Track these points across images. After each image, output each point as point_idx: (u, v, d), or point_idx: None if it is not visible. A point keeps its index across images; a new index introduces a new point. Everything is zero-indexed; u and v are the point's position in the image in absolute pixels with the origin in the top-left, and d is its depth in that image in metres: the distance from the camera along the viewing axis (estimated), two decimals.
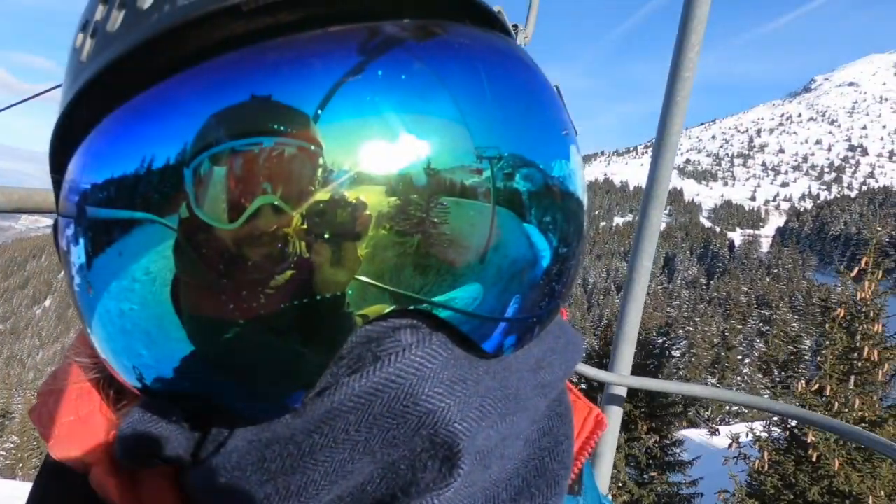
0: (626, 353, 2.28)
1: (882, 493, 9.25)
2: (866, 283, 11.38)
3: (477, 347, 0.35)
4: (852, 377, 10.69)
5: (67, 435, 0.41)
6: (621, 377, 2.26)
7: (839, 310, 11.66)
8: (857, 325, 11.21)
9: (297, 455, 0.33)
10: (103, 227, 0.33)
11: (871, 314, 11.02)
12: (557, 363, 0.42)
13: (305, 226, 0.30)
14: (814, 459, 9.98)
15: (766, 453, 10.97)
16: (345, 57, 0.32)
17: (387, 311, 0.33)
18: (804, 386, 11.21)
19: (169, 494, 0.39)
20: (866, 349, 10.70)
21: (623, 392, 2.36)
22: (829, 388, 10.59)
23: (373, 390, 0.33)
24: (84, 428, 0.41)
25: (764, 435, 11.50)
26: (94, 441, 0.40)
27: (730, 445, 10.85)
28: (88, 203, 0.33)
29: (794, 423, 11.21)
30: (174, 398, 0.36)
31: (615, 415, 2.35)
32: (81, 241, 0.34)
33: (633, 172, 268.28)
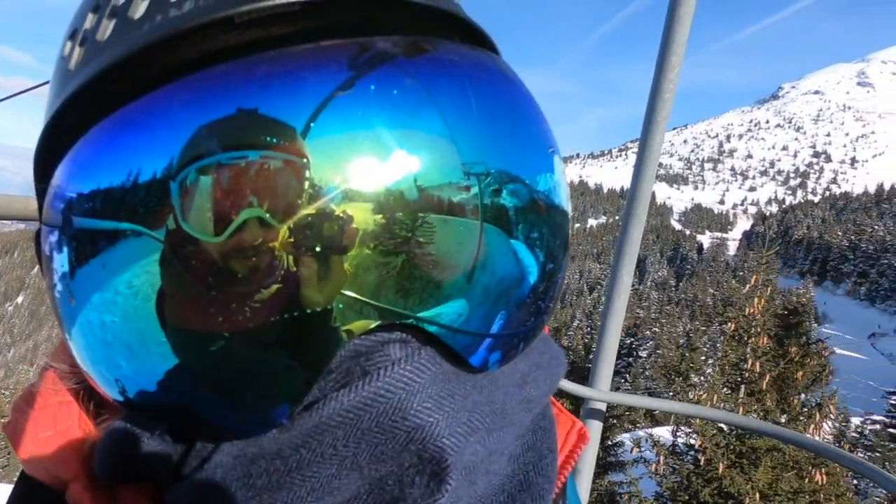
0: (606, 368, 2.25)
1: (757, 495, 10.34)
2: (756, 300, 12.46)
3: (465, 362, 0.36)
4: (742, 387, 11.78)
5: (44, 450, 0.40)
6: (601, 393, 2.23)
7: (731, 324, 12.69)
8: (746, 338, 12.24)
9: (284, 470, 0.33)
10: (89, 238, 0.32)
11: (759, 329, 12.12)
12: (542, 378, 0.42)
13: (291, 240, 0.30)
14: (702, 463, 11.00)
15: (661, 457, 11.87)
16: (334, 72, 0.32)
17: (372, 326, 0.32)
18: (699, 395, 12.19)
19: None
20: (750, 361, 11.80)
21: (602, 407, 2.33)
22: (716, 396, 11.60)
23: (361, 405, 0.32)
24: (62, 442, 0.40)
25: (670, 440, 12.46)
26: (71, 456, 0.39)
27: (632, 450, 11.75)
28: (74, 212, 0.33)
29: (690, 430, 12.22)
30: (157, 411, 0.35)
31: (595, 430, 2.32)
32: (65, 250, 0.34)
33: (607, 175, 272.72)
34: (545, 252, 0.39)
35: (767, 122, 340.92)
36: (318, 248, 0.30)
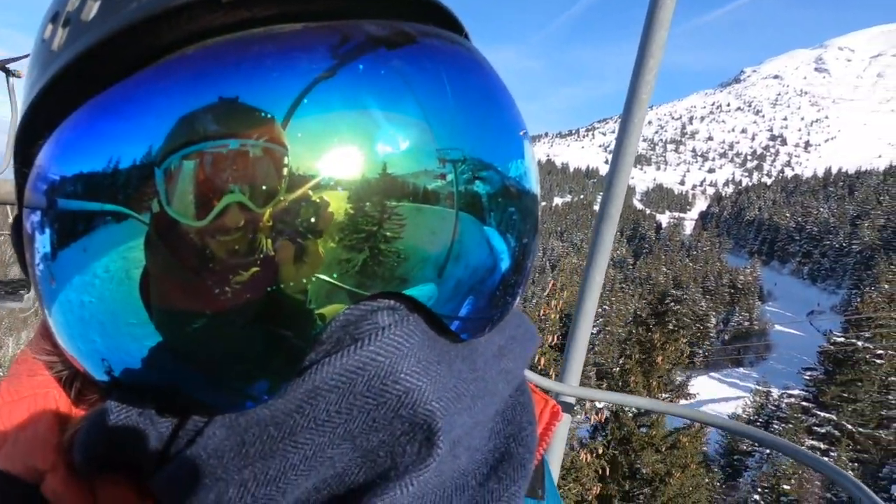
0: (577, 364, 2.30)
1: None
2: (553, 302, 13.63)
3: (448, 332, 0.37)
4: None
5: (19, 441, 0.39)
6: (572, 388, 2.27)
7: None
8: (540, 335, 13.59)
9: (278, 437, 0.33)
10: (71, 220, 0.33)
11: (551, 328, 13.32)
12: (518, 351, 0.44)
13: (270, 224, 0.31)
14: None
15: None
16: (316, 60, 0.32)
17: (345, 309, 0.34)
18: None
19: (131, 499, 0.38)
20: (536, 356, 13.12)
21: (572, 401, 2.37)
22: None
23: (354, 368, 0.33)
24: (38, 434, 0.39)
25: None
26: (49, 447, 0.39)
27: None
28: (58, 195, 0.33)
29: None
30: (141, 390, 0.35)
31: (563, 424, 2.34)
32: (47, 232, 0.34)
33: (574, 154, 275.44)
34: (517, 237, 0.40)
35: (729, 105, 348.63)
36: (295, 233, 0.31)
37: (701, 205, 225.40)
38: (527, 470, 0.40)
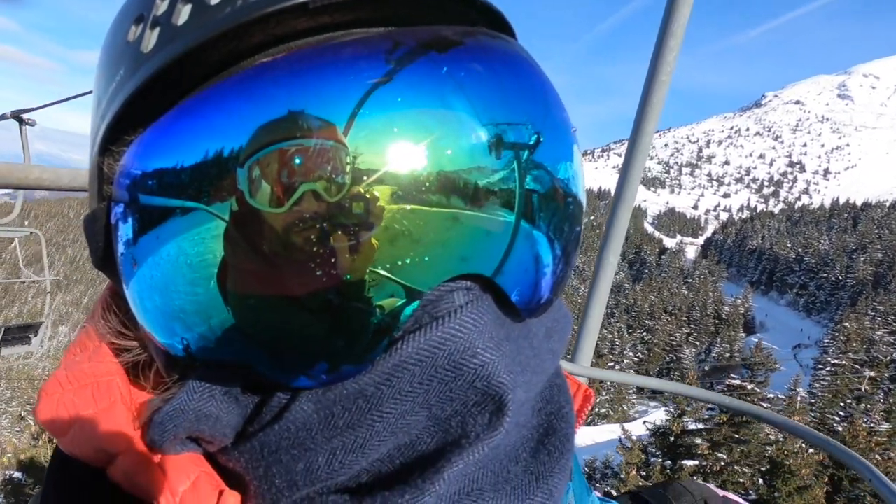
0: (588, 344, 2.35)
1: None
2: None
3: (515, 311, 0.40)
4: None
5: (87, 427, 0.42)
6: (584, 368, 2.32)
7: None
8: None
9: (366, 408, 0.36)
10: (159, 213, 0.36)
11: None
12: (560, 333, 0.47)
13: (339, 213, 0.34)
14: None
15: None
16: (372, 67, 0.35)
17: (398, 304, 0.35)
18: None
19: (203, 476, 0.40)
20: None
21: (584, 381, 2.37)
22: None
23: (437, 343, 0.36)
24: (107, 419, 0.42)
25: None
26: (120, 431, 0.42)
27: None
28: (153, 191, 0.36)
29: None
30: (220, 368, 0.38)
31: None
32: (137, 222, 0.37)
33: (587, 175, 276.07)
34: (570, 223, 0.43)
35: (748, 129, 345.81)
36: (355, 225, 0.34)
37: (713, 230, 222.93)
38: (571, 443, 0.43)
